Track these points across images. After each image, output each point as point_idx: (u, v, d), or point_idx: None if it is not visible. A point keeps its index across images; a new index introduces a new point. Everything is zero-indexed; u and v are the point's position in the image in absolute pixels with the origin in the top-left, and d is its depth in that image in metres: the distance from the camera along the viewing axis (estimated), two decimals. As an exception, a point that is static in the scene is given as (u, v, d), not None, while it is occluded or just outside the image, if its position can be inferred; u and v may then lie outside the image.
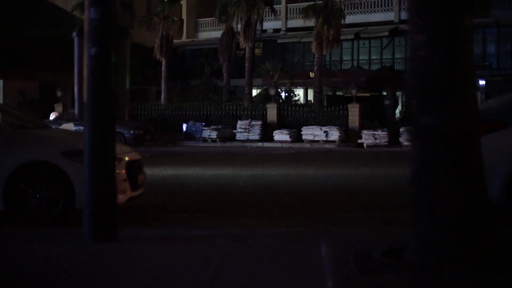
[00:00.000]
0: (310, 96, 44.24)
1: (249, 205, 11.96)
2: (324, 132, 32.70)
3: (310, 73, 40.86)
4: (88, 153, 7.97)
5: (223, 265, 6.89)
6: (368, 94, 42.43)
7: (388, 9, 45.03)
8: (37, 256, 7.38)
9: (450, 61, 6.00)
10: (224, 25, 40.95)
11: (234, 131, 35.04)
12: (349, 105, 33.86)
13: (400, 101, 42.79)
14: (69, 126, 27.27)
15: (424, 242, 6.11)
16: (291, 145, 32.75)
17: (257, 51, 46.07)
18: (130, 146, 13.87)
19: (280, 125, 34.72)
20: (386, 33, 43.47)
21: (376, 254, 6.59)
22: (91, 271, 6.72)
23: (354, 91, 34.57)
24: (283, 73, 42.41)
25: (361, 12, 45.49)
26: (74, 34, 8.39)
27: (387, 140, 31.75)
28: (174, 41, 43.71)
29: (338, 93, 45.91)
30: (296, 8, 47.13)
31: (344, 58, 46.56)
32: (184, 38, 51.54)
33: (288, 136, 33.33)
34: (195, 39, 52.84)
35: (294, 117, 35.04)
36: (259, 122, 34.65)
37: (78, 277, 6.52)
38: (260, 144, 33.58)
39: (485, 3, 39.68)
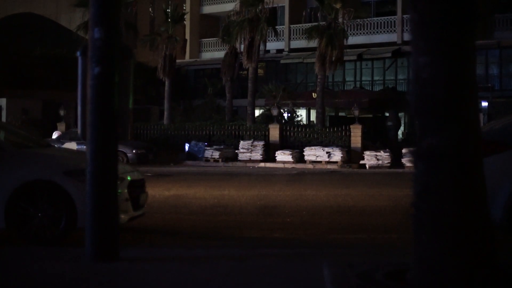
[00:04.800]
0: (313, 117, 44.27)
1: (251, 226, 11.93)
2: (327, 152, 32.69)
3: (313, 93, 40.94)
4: (91, 172, 7.98)
5: (224, 285, 6.87)
6: (370, 115, 42.47)
7: (390, 31, 45.18)
8: (37, 274, 7.36)
9: (453, 83, 6.01)
10: (227, 45, 41.11)
11: (236, 151, 35.05)
12: (351, 126, 33.87)
13: (402, 122, 42.81)
14: (72, 145, 27.29)
15: (426, 263, 6.09)
16: (293, 165, 32.74)
17: (260, 71, 46.20)
18: (132, 166, 13.88)
19: (282, 146, 34.73)
20: (389, 54, 43.57)
21: (378, 276, 6.57)
22: (92, 291, 6.70)
23: (356, 112, 34.61)
24: (286, 94, 42.50)
25: (364, 33, 45.62)
26: (78, 53, 8.43)
27: (389, 161, 31.73)
28: (177, 61, 43.86)
29: (340, 113, 45.96)
30: (299, 29, 47.31)
31: (347, 79, 46.65)
32: (187, 58, 51.73)
33: (290, 156, 33.33)
34: (198, 59, 53.01)
35: (296, 138, 35.07)
36: (262, 143, 34.67)
37: (79, 297, 6.50)
38: (262, 164, 33.58)
39: (488, 25, 39.82)
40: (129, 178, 10.01)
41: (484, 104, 38.73)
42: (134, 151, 31.56)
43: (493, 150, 8.66)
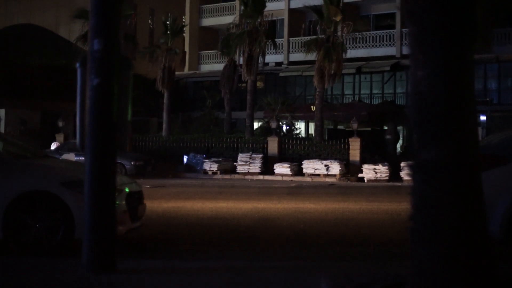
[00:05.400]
0: (311, 130, 44.30)
1: (249, 238, 11.92)
2: (325, 165, 32.68)
3: (312, 106, 40.98)
4: (89, 183, 7.97)
5: (222, 298, 6.85)
6: (369, 128, 42.50)
7: (389, 44, 45.29)
8: (34, 285, 7.33)
9: (452, 96, 6.02)
10: (226, 57, 41.19)
11: (235, 163, 35.04)
12: (350, 139, 33.88)
13: (401, 135, 42.83)
14: (70, 156, 27.28)
15: (424, 276, 6.07)
16: (291, 178, 32.72)
17: (259, 84, 46.26)
18: (130, 177, 13.87)
19: (281, 158, 34.73)
20: (388, 68, 43.65)
21: (376, 289, 6.55)
22: (89, 302, 6.68)
23: (355, 125, 34.63)
24: (285, 106, 42.53)
25: (363, 46, 45.75)
26: (77, 64, 8.44)
27: (388, 174, 31.72)
28: (176, 73, 43.92)
29: (339, 126, 46.00)
30: (298, 42, 47.41)
31: (346, 92, 46.72)
32: (186, 70, 51.81)
33: (289, 169, 33.31)
34: (197, 71, 53.09)
35: (295, 150, 35.07)
36: (260, 155, 34.67)
37: (75, 308, 6.48)
38: (260, 177, 33.56)
39: (486, 39, 39.92)
40: (127, 189, 10.00)
41: (483, 118, 38.80)
42: (132, 162, 31.56)
43: (491, 164, 8.67)
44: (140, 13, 55.31)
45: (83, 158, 8.42)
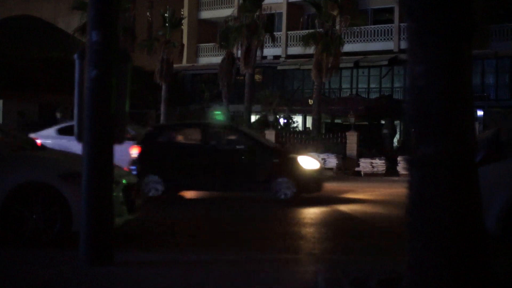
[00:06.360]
0: (309, 123, 44.28)
1: (245, 232, 11.92)
2: (322, 159, 32.61)
3: (309, 100, 40.93)
4: (86, 175, 7.97)
5: (219, 291, 6.86)
6: (366, 123, 42.47)
7: (387, 38, 45.24)
8: (31, 278, 7.35)
9: (449, 92, 6.03)
10: (224, 50, 41.14)
11: (232, 156, 34.93)
12: (347, 133, 33.85)
13: (398, 130, 42.83)
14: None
15: (420, 271, 6.09)
16: (288, 171, 32.65)
17: (256, 77, 46.20)
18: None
19: (278, 152, 34.62)
20: (385, 62, 43.61)
21: (372, 283, 6.57)
22: (86, 294, 6.69)
23: (352, 119, 34.61)
24: (282, 100, 42.48)
25: (360, 40, 45.69)
26: (76, 56, 8.43)
27: (384, 168, 31.73)
28: (175, 65, 43.85)
29: (336, 120, 45.96)
30: (296, 36, 47.36)
31: (343, 86, 46.68)
32: (184, 63, 51.72)
33: (286, 162, 33.23)
34: (195, 64, 53.00)
35: (292, 144, 35.04)
36: (257, 148, 34.56)
37: (72, 300, 6.48)
38: (257, 170, 33.47)
39: (484, 35, 39.92)
40: (124, 181, 10.00)
41: (480, 113, 38.84)
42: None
43: (487, 160, 8.68)
44: (139, 6, 55.18)
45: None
